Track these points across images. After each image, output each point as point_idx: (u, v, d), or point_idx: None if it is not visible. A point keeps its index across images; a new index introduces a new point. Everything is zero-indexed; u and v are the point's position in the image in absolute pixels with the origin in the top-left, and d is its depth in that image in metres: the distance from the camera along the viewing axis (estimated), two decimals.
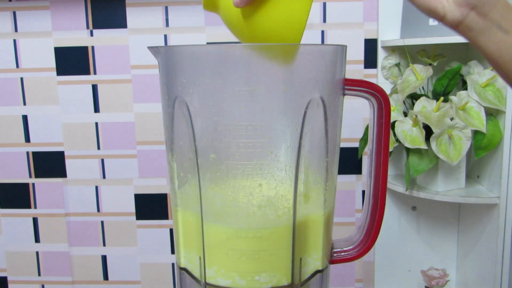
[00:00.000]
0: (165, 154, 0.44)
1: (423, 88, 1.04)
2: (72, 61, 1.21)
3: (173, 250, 1.31)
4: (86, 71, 1.22)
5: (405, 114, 1.01)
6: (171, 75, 0.40)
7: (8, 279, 1.35)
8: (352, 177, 1.24)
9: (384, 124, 0.42)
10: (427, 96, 0.98)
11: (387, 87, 1.10)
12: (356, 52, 1.18)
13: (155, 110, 1.23)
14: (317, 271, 0.44)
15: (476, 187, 1.02)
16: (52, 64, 1.22)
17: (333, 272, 1.27)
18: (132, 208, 1.28)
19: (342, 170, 1.23)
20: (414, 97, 1.02)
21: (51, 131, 1.25)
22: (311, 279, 0.44)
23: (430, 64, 1.01)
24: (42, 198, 1.29)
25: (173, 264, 1.31)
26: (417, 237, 1.17)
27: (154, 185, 1.27)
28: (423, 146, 0.94)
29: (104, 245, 1.31)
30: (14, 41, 1.21)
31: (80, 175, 1.27)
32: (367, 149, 0.46)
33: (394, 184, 1.05)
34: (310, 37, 1.17)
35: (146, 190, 1.27)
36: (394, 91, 1.05)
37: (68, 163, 1.27)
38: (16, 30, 1.21)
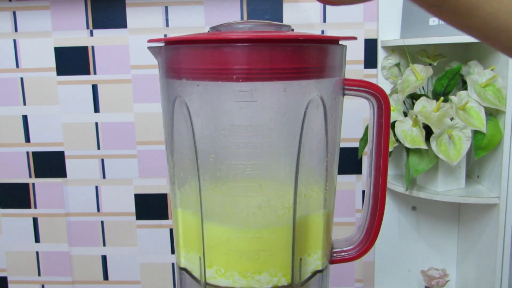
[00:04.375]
0: (165, 154, 0.44)
1: (423, 88, 1.04)
2: (72, 61, 1.21)
3: (173, 250, 1.31)
4: (86, 71, 1.22)
5: (405, 114, 1.01)
6: (171, 75, 0.40)
7: (8, 279, 1.35)
8: (352, 177, 1.24)
9: (384, 124, 0.42)
10: (427, 96, 0.98)
11: (387, 87, 1.10)
12: (356, 52, 1.18)
13: (155, 110, 1.23)
14: (317, 271, 0.44)
15: (476, 187, 1.02)
16: (52, 64, 1.22)
17: (333, 272, 1.27)
18: (132, 208, 1.28)
19: (342, 170, 1.23)
20: (414, 97, 1.02)
21: (51, 131, 1.25)
22: (311, 279, 0.44)
23: (430, 64, 1.01)
24: (42, 198, 1.29)
25: (173, 264, 1.31)
26: (417, 237, 1.17)
27: (154, 185, 1.27)
28: (423, 146, 0.94)
29: (104, 245, 1.31)
30: (14, 41, 1.21)
31: (80, 175, 1.27)
32: (367, 149, 0.46)
33: (394, 184, 1.05)
34: None
35: (146, 190, 1.27)
36: (394, 91, 1.05)
37: (68, 163, 1.27)
38: (16, 30, 1.21)
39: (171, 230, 1.29)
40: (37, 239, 1.32)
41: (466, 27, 0.39)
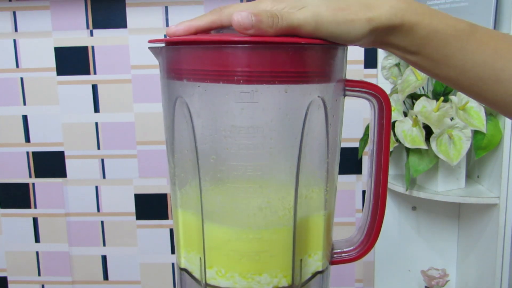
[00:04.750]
0: (165, 154, 0.44)
1: (423, 88, 1.04)
2: (72, 61, 1.21)
3: (173, 250, 1.31)
4: (86, 71, 1.22)
5: (405, 114, 1.01)
6: (172, 76, 0.40)
7: (8, 279, 1.35)
8: (352, 177, 1.24)
9: (385, 125, 0.42)
10: (427, 96, 0.98)
11: (387, 87, 1.10)
12: (356, 52, 1.18)
13: (155, 110, 1.23)
14: (318, 272, 0.44)
15: (476, 187, 1.02)
16: (52, 64, 1.22)
17: (333, 272, 1.27)
18: (132, 208, 1.28)
19: (342, 170, 1.24)
20: (414, 97, 1.02)
21: (51, 131, 1.25)
22: (311, 280, 0.44)
23: None
24: (42, 198, 1.29)
25: (173, 264, 1.32)
26: (417, 237, 1.17)
27: (154, 185, 1.27)
28: (423, 146, 0.94)
29: (104, 245, 1.31)
30: (14, 41, 1.21)
31: (80, 175, 1.27)
32: (368, 149, 0.46)
33: (394, 184, 1.05)
34: None
35: (146, 190, 1.27)
36: (394, 91, 1.05)
37: (68, 163, 1.27)
38: (16, 30, 1.21)
39: (171, 230, 1.29)
40: (37, 239, 1.32)
41: (444, 77, 0.40)
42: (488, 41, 0.38)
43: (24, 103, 1.24)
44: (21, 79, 1.23)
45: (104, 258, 1.32)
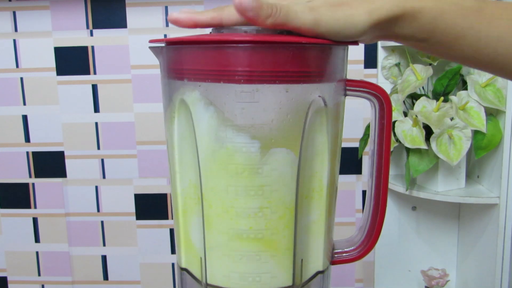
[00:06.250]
0: (165, 154, 0.44)
1: (423, 88, 1.04)
2: (72, 61, 1.21)
3: (173, 250, 1.31)
4: (86, 71, 1.22)
5: (405, 114, 1.01)
6: (173, 76, 0.40)
7: (8, 279, 1.35)
8: (352, 177, 1.24)
9: (386, 125, 0.42)
10: (427, 96, 0.98)
11: (387, 87, 1.10)
12: (356, 52, 1.18)
13: (155, 110, 1.23)
14: (318, 272, 0.44)
15: (476, 187, 1.02)
16: (52, 64, 1.22)
17: (333, 272, 1.27)
18: (132, 208, 1.28)
19: (342, 170, 1.24)
20: (414, 97, 1.02)
21: (51, 131, 1.25)
22: (312, 280, 0.44)
23: (430, 64, 1.01)
24: (42, 198, 1.29)
25: (173, 264, 1.32)
26: (417, 237, 1.17)
27: (154, 185, 1.27)
28: (423, 146, 0.94)
29: (104, 245, 1.31)
30: (14, 41, 1.21)
31: (80, 175, 1.27)
32: (368, 149, 0.46)
33: (394, 184, 1.05)
34: None
35: (146, 190, 1.27)
36: (394, 91, 1.05)
37: (68, 163, 1.27)
38: (16, 30, 1.21)
39: (171, 230, 1.29)
40: (37, 239, 1.32)
41: (460, 57, 0.38)
42: (500, 14, 0.36)
43: (24, 103, 1.24)
44: (21, 79, 1.23)
45: (104, 258, 1.32)
